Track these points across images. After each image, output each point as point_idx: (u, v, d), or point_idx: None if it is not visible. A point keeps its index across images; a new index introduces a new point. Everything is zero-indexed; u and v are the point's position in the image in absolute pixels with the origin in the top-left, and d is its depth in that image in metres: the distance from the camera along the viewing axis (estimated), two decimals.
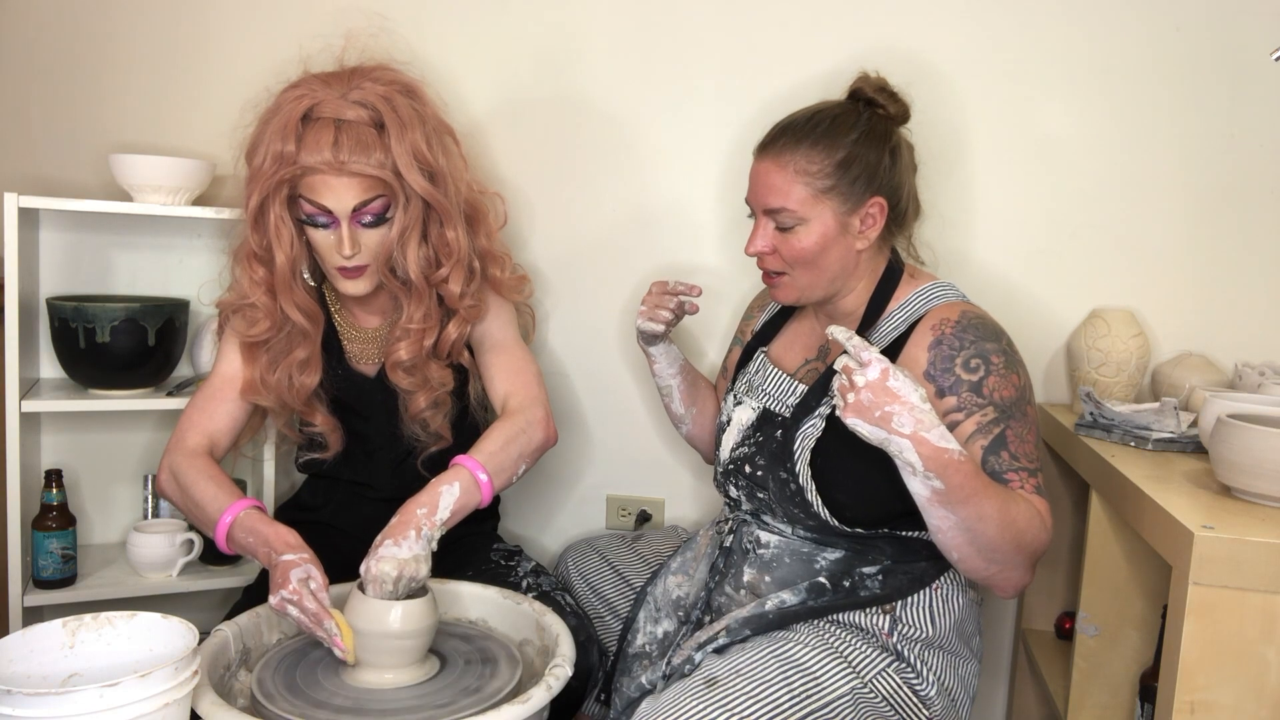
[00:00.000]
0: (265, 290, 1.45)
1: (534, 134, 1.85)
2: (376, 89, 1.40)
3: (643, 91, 1.81)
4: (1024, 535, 1.15)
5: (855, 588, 1.29)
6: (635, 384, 1.90)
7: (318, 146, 1.35)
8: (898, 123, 1.37)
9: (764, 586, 1.34)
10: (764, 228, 1.33)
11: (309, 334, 1.48)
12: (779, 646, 1.22)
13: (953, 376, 1.23)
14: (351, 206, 1.38)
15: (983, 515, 1.12)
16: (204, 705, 1.07)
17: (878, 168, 1.30)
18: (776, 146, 1.31)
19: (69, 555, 1.67)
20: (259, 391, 1.49)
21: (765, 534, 1.36)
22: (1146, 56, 1.70)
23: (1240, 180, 1.70)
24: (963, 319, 1.27)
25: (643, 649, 1.44)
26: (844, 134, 1.30)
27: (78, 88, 1.82)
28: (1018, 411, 1.22)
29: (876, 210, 1.31)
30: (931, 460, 1.08)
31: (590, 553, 1.67)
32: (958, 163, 1.76)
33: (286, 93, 1.42)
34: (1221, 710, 1.03)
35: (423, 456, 1.55)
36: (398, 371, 1.49)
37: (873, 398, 1.07)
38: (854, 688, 1.21)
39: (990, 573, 1.18)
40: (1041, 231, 1.76)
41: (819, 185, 1.28)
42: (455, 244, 1.47)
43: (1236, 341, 1.72)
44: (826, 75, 1.66)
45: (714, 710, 1.12)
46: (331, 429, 1.54)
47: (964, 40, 1.73)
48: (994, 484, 1.15)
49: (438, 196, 1.43)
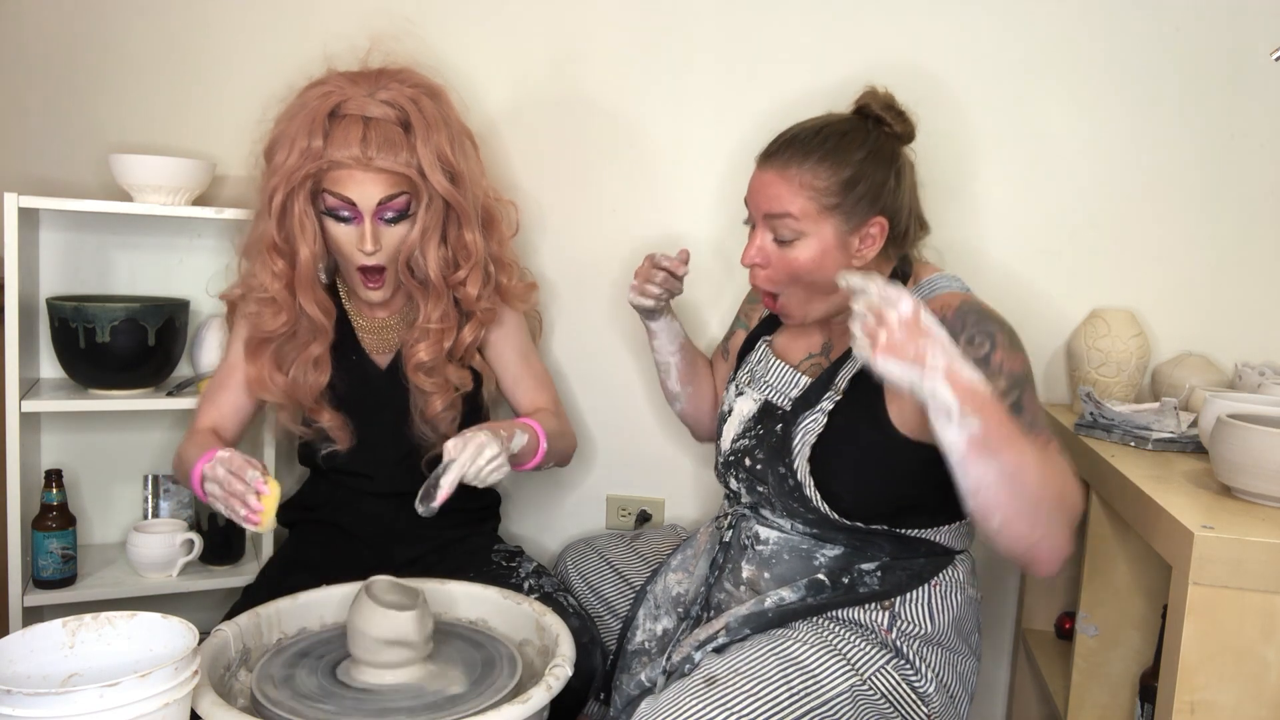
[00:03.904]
0: (284, 284, 1.46)
1: (542, 139, 1.85)
2: (404, 90, 1.43)
3: (648, 99, 1.82)
4: (1065, 487, 1.08)
5: (854, 584, 1.29)
6: (635, 383, 1.90)
7: (346, 142, 1.38)
8: (904, 142, 1.34)
9: (763, 583, 1.34)
10: (761, 238, 1.31)
11: (325, 330, 1.49)
12: (778, 645, 1.23)
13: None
14: (376, 201, 1.40)
15: (1024, 462, 1.04)
16: (204, 705, 1.07)
17: (883, 188, 1.28)
18: (783, 157, 1.29)
19: (69, 555, 1.67)
20: (266, 388, 1.50)
21: (765, 530, 1.36)
22: (1147, 56, 1.70)
23: (1240, 180, 1.70)
24: (963, 306, 1.24)
25: (642, 646, 1.44)
26: (852, 152, 1.27)
27: (78, 88, 1.82)
28: (1028, 384, 1.19)
29: (877, 231, 1.29)
30: (968, 398, 1.01)
31: (589, 552, 1.66)
32: (958, 163, 1.76)
33: (311, 89, 1.44)
34: (1221, 710, 1.03)
35: (428, 456, 1.55)
36: (419, 373, 1.50)
37: (906, 336, 1.01)
38: (853, 685, 1.21)
39: (1034, 538, 1.08)
40: (1041, 231, 1.76)
41: (824, 202, 1.26)
42: (473, 246, 1.50)
43: (1236, 341, 1.72)
44: (834, 87, 1.65)
45: (713, 709, 1.12)
46: (339, 426, 1.54)
47: (964, 40, 1.73)
48: (1022, 432, 1.08)
49: (459, 198, 1.46)
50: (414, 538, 1.58)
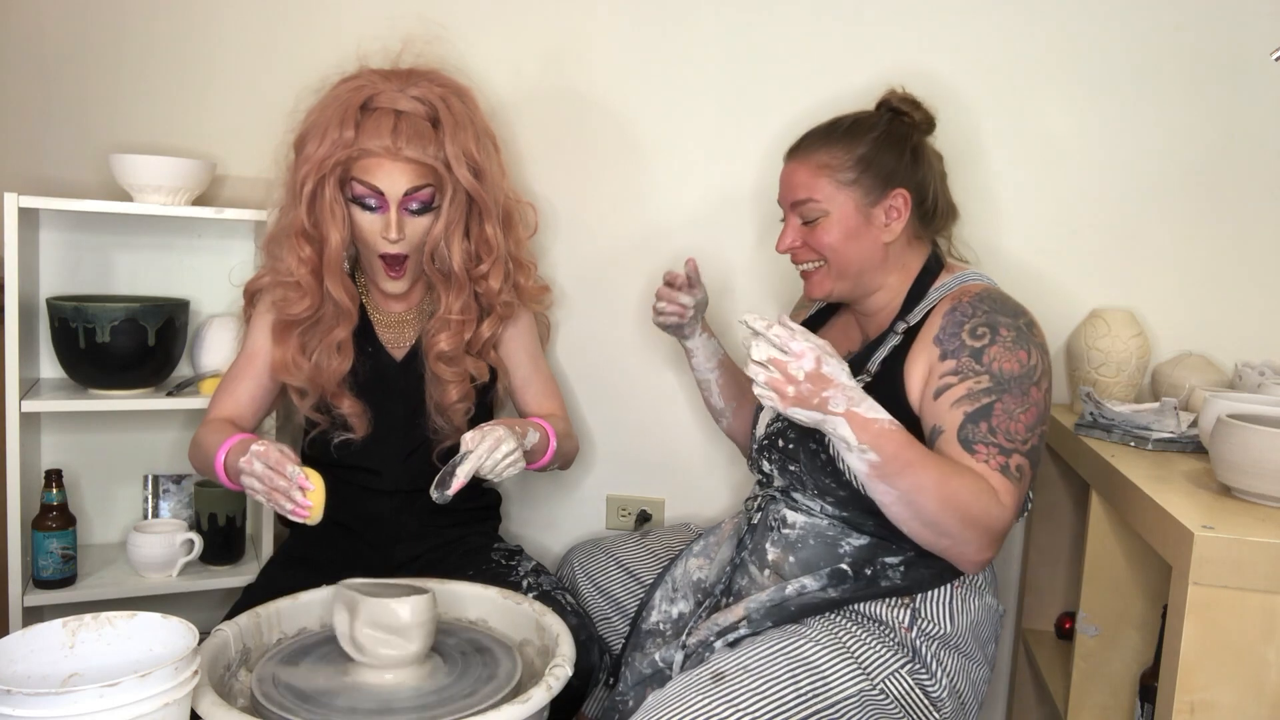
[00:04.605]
0: (310, 270, 1.49)
1: (552, 140, 1.85)
2: (434, 88, 1.50)
3: (657, 105, 1.82)
4: (969, 509, 1.16)
5: (877, 577, 1.29)
6: (636, 383, 1.90)
7: (378, 132, 1.44)
8: (922, 130, 1.42)
9: (787, 568, 1.35)
10: (792, 224, 1.39)
11: (350, 314, 1.53)
12: (790, 643, 1.23)
13: (957, 340, 1.25)
14: (403, 191, 1.45)
15: (920, 486, 1.15)
16: (204, 705, 1.07)
17: (898, 163, 1.35)
18: (803, 148, 1.39)
19: (69, 555, 1.67)
20: (290, 372, 1.53)
21: (792, 514, 1.36)
22: (1147, 56, 1.70)
23: (1240, 180, 1.70)
24: (984, 292, 1.29)
25: (656, 626, 1.44)
26: (865, 133, 1.36)
27: (78, 88, 1.82)
28: (1016, 388, 1.22)
29: (900, 202, 1.34)
30: (864, 432, 1.13)
31: (596, 552, 1.66)
32: (959, 163, 1.75)
33: (344, 84, 1.51)
34: (1221, 710, 1.03)
35: (438, 450, 1.57)
36: (439, 363, 1.54)
37: (812, 387, 1.12)
38: (862, 689, 1.21)
39: (942, 546, 1.21)
40: (1041, 231, 1.76)
41: (840, 178, 1.34)
42: (495, 241, 1.55)
43: (1236, 341, 1.72)
44: (854, 95, 1.66)
45: (720, 706, 1.12)
46: (358, 414, 1.56)
47: (965, 42, 1.73)
48: (934, 456, 1.17)
49: (482, 194, 1.52)
50: (414, 536, 1.59)
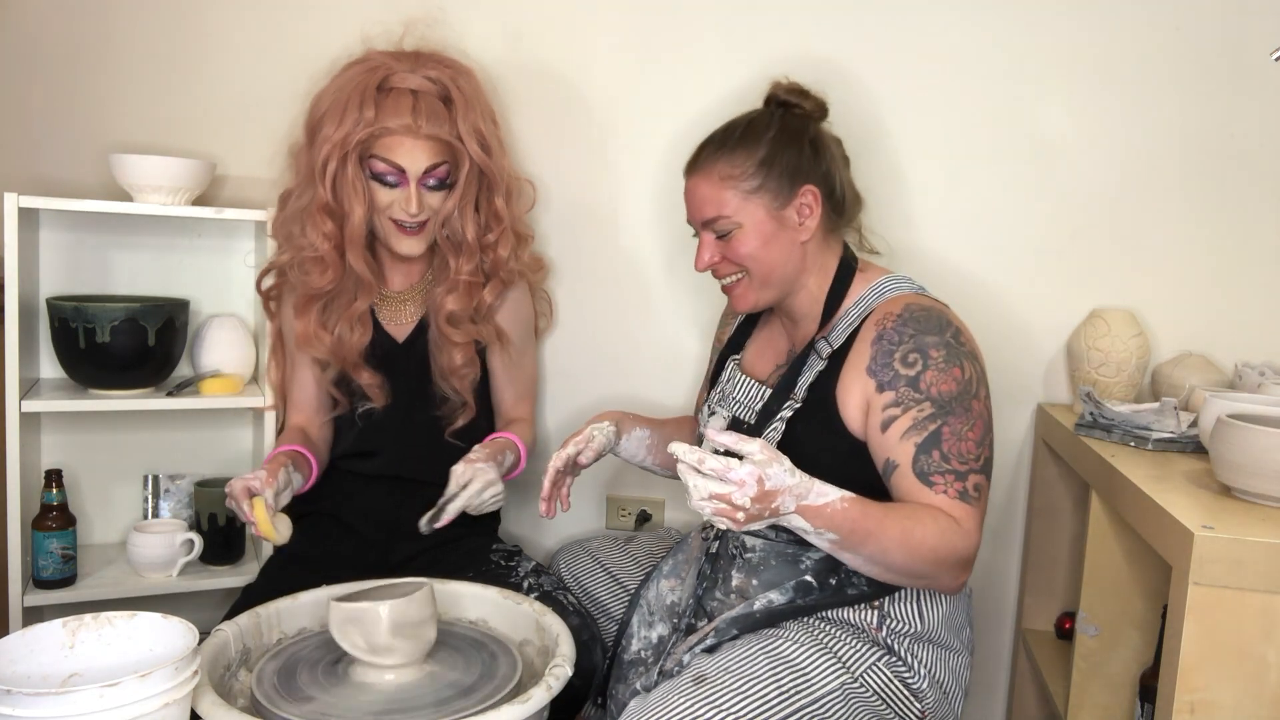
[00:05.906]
0: (333, 245, 1.55)
1: (544, 128, 1.85)
2: (443, 69, 1.57)
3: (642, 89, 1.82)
4: (937, 552, 1.17)
5: (842, 585, 1.29)
6: (635, 384, 1.89)
7: (398, 111, 1.50)
8: (815, 119, 1.40)
9: (752, 589, 1.34)
10: (706, 241, 1.37)
11: (371, 286, 1.59)
12: (768, 643, 1.23)
13: (891, 371, 1.24)
14: (423, 168, 1.52)
15: (885, 549, 1.16)
16: (204, 705, 1.07)
17: (800, 159, 1.33)
18: (701, 161, 1.36)
19: (69, 555, 1.67)
20: (312, 344, 1.59)
21: (750, 538, 1.36)
22: (1147, 56, 1.70)
23: (1240, 180, 1.70)
24: (905, 312, 1.27)
25: (638, 655, 1.43)
26: (760, 134, 1.34)
27: (78, 88, 1.82)
28: (958, 407, 1.22)
29: (810, 199, 1.33)
30: (818, 518, 1.13)
31: (582, 554, 1.66)
32: (960, 164, 1.76)
33: (355, 66, 1.56)
34: (1221, 710, 1.03)
35: (450, 430, 1.63)
36: (447, 325, 1.60)
37: (761, 505, 1.09)
38: (844, 683, 1.21)
39: (920, 584, 1.25)
40: (1041, 231, 1.76)
41: (745, 187, 1.32)
42: (503, 212, 1.62)
43: (1236, 341, 1.72)
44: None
45: (703, 707, 1.12)
46: (378, 385, 1.61)
47: (964, 42, 1.73)
48: (892, 514, 1.16)
49: (492, 169, 1.59)
50: (414, 535, 1.58)
